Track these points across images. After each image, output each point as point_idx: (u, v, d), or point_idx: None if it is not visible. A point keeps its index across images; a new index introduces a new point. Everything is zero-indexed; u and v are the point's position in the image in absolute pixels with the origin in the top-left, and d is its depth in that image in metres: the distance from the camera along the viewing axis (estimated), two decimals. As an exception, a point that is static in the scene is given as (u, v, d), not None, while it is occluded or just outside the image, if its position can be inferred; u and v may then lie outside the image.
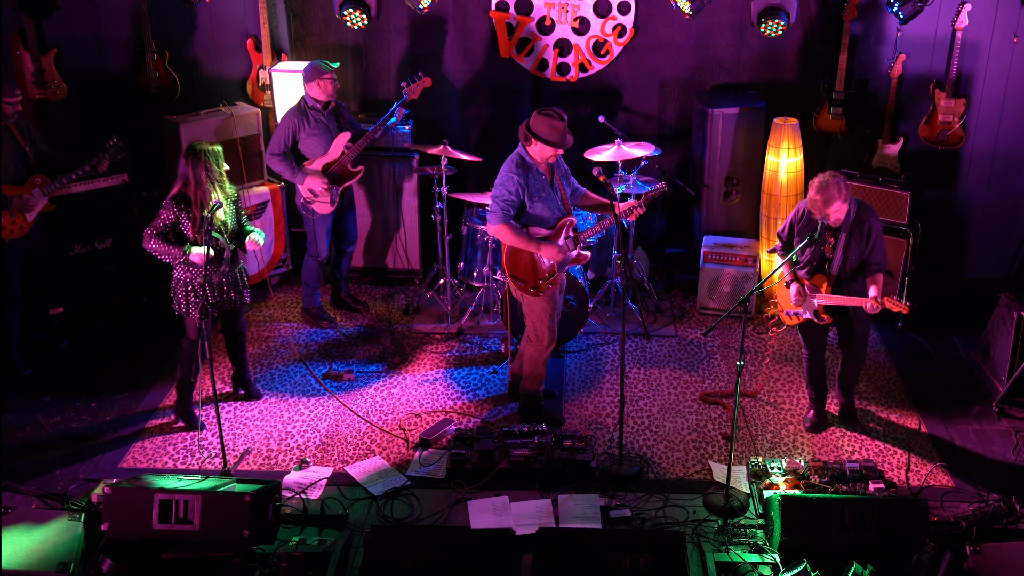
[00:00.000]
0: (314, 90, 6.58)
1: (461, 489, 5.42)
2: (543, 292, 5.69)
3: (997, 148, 7.28)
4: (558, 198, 5.66)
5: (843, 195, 5.27)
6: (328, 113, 6.68)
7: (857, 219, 5.40)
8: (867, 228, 5.42)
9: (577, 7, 7.42)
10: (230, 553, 4.71)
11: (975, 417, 6.11)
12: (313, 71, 6.56)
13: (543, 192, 5.56)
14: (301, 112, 6.64)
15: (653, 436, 5.94)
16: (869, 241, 5.43)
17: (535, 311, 5.78)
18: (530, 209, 5.58)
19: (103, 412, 6.15)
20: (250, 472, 5.59)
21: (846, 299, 5.46)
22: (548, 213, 5.62)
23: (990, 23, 6.97)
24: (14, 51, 7.13)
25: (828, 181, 5.27)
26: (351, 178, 6.77)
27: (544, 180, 5.59)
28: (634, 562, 4.51)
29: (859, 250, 5.44)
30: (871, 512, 4.65)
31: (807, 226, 5.50)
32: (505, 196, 5.50)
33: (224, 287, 5.71)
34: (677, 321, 7.20)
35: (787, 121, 6.99)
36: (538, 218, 5.61)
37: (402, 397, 6.32)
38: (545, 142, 5.42)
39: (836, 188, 5.25)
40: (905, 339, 6.96)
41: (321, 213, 6.76)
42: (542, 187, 5.56)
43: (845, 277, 5.49)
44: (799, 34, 7.30)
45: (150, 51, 7.33)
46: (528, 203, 5.55)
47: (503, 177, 5.54)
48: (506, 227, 5.51)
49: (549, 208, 5.61)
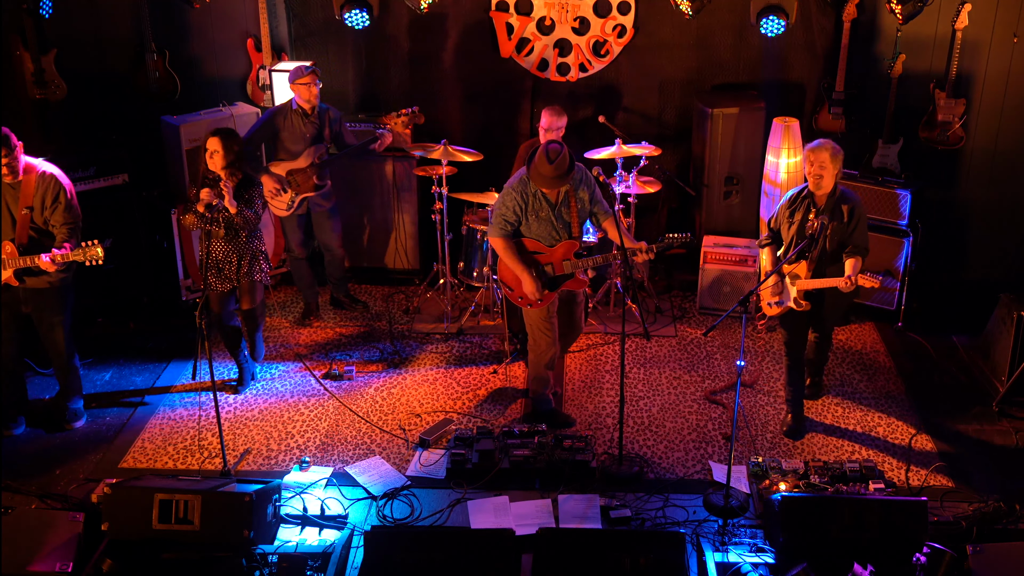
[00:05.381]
0: (294, 93, 6.58)
1: (461, 489, 5.42)
2: (532, 306, 5.74)
3: (997, 148, 7.27)
4: (563, 221, 5.65)
5: (831, 150, 5.44)
6: (309, 120, 6.62)
7: (841, 198, 5.53)
8: (850, 208, 5.52)
9: (577, 7, 7.42)
10: (230, 553, 4.71)
11: (975, 417, 6.11)
12: (292, 74, 6.55)
13: (542, 212, 5.60)
14: (281, 112, 6.64)
15: (653, 436, 5.94)
16: (851, 221, 5.51)
17: (530, 317, 5.84)
18: (526, 226, 5.65)
19: (103, 412, 6.14)
20: (250, 472, 5.59)
21: (823, 281, 5.54)
22: (546, 233, 5.66)
23: (990, 23, 6.97)
24: (14, 51, 7.14)
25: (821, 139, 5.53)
26: (313, 191, 6.73)
27: (545, 201, 5.59)
28: (634, 562, 4.51)
29: (841, 230, 5.51)
30: (871, 512, 4.65)
31: (793, 206, 5.61)
32: (501, 211, 5.64)
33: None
34: (677, 321, 7.20)
35: (787, 121, 6.99)
36: (535, 236, 5.67)
37: (402, 397, 6.32)
38: (535, 178, 5.49)
39: (826, 142, 5.48)
40: (905, 339, 6.97)
41: (276, 214, 6.83)
42: (541, 207, 5.60)
43: (826, 258, 5.55)
44: (799, 34, 7.30)
45: (150, 51, 7.34)
46: (525, 220, 5.63)
47: (504, 191, 5.67)
48: (500, 241, 5.65)
49: (548, 229, 5.64)
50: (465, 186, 7.29)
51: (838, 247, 5.54)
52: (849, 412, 6.16)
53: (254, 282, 6.05)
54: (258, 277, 6.04)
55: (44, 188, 5.51)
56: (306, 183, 6.66)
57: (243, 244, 5.96)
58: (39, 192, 5.50)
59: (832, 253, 5.54)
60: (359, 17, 7.03)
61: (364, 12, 7.00)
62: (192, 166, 7.01)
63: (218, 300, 6.09)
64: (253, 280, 6.03)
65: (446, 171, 6.88)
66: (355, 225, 7.53)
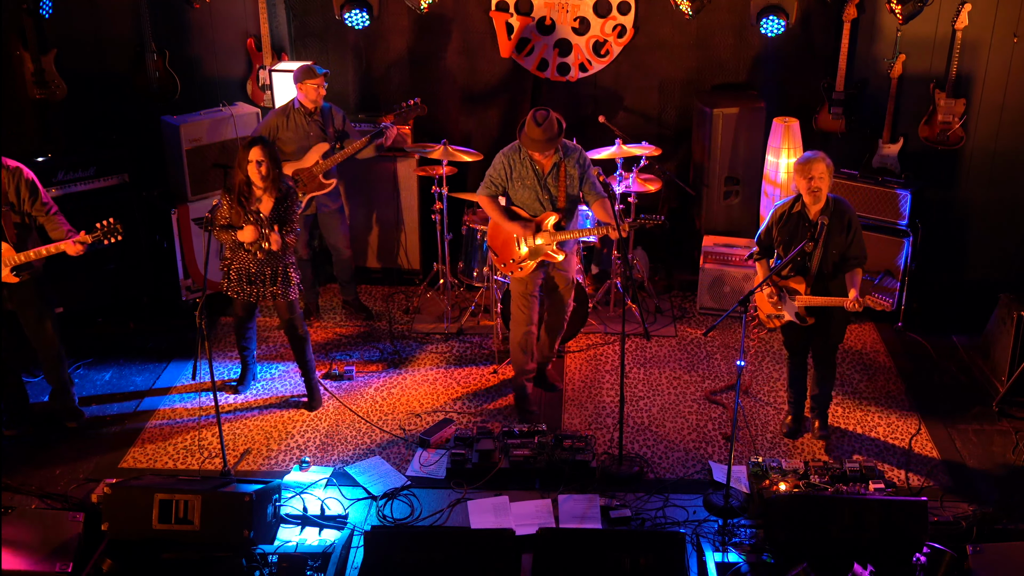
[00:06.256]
0: (299, 92, 6.58)
1: (461, 489, 5.42)
2: (512, 273, 5.86)
3: (997, 148, 7.27)
4: (548, 192, 5.73)
5: (823, 159, 5.34)
6: (313, 119, 6.62)
7: (837, 211, 5.40)
8: (847, 220, 5.42)
9: (577, 7, 7.42)
10: (230, 553, 4.71)
11: (975, 417, 6.11)
12: (299, 73, 6.53)
13: (527, 180, 5.72)
14: (284, 112, 6.64)
15: (653, 436, 5.94)
16: (849, 232, 5.42)
17: (512, 288, 5.98)
18: (512, 191, 5.78)
19: (103, 412, 6.14)
20: (250, 472, 5.59)
21: (826, 300, 5.41)
22: (530, 201, 5.76)
23: (990, 23, 6.97)
24: (14, 51, 7.14)
25: (808, 152, 5.44)
26: (320, 190, 6.71)
27: (534, 170, 5.69)
28: (634, 562, 4.51)
29: (840, 242, 5.42)
30: (871, 512, 4.65)
31: (786, 226, 5.49)
32: (490, 172, 5.84)
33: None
34: (677, 321, 7.20)
35: (787, 121, 6.99)
36: (520, 203, 5.80)
37: (402, 397, 6.32)
38: (525, 142, 5.62)
39: (815, 153, 5.38)
40: (905, 339, 6.97)
41: None
42: (527, 175, 5.70)
43: (827, 273, 5.46)
44: (799, 34, 7.30)
45: (150, 51, 7.34)
46: (511, 184, 5.77)
47: (497, 155, 5.85)
48: (485, 198, 5.83)
49: (532, 197, 5.75)
50: (465, 186, 7.31)
51: (839, 260, 5.45)
52: (849, 412, 6.16)
53: (291, 301, 5.88)
54: (293, 296, 5.86)
55: (16, 181, 5.45)
56: (312, 182, 6.66)
57: (277, 258, 5.76)
58: (11, 186, 5.44)
59: (833, 268, 5.45)
60: (359, 17, 7.03)
61: (364, 12, 7.00)
62: (192, 166, 7.01)
63: (243, 306, 6.00)
64: (290, 300, 5.86)
65: (446, 171, 6.88)
66: (355, 225, 7.52)
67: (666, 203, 7.88)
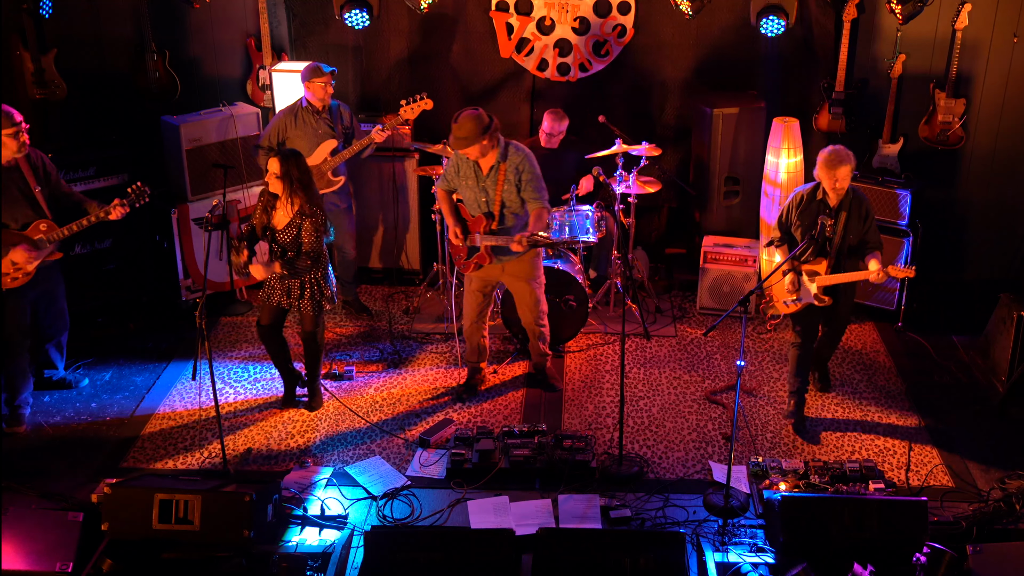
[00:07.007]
0: (306, 91, 6.59)
1: (461, 489, 5.42)
2: (461, 267, 6.05)
3: (997, 148, 7.27)
4: (486, 195, 5.80)
5: (852, 161, 5.47)
6: (320, 117, 6.64)
7: (856, 199, 5.58)
8: (864, 209, 5.60)
9: (577, 7, 7.42)
10: (230, 553, 4.71)
11: (975, 417, 6.11)
12: (307, 72, 6.57)
13: (469, 180, 5.83)
14: (292, 111, 6.65)
15: (653, 436, 5.94)
16: (866, 222, 5.60)
17: (465, 282, 6.20)
18: (460, 189, 5.93)
19: (103, 412, 6.15)
20: (250, 472, 5.59)
21: (849, 275, 5.60)
22: (471, 201, 5.90)
23: (990, 23, 6.97)
24: (14, 51, 7.13)
25: (836, 148, 5.49)
26: (328, 187, 6.71)
27: (473, 172, 5.79)
28: (634, 562, 4.51)
29: (858, 228, 5.58)
30: (871, 512, 4.65)
31: (806, 210, 5.61)
32: (445, 166, 6.06)
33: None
34: (677, 321, 7.20)
35: (787, 121, 6.99)
36: (465, 201, 5.97)
37: (402, 397, 6.32)
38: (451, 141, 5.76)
39: (844, 153, 5.46)
40: (905, 339, 6.96)
41: None
42: (470, 175, 5.81)
43: (844, 255, 5.61)
44: (799, 34, 7.30)
45: (150, 51, 7.33)
46: (458, 183, 5.91)
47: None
48: (440, 191, 6.04)
49: (472, 198, 5.88)
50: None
51: (857, 244, 5.62)
52: (849, 412, 6.17)
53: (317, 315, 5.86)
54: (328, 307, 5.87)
55: (41, 164, 5.76)
56: (321, 180, 6.66)
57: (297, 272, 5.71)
58: (39, 169, 5.73)
59: (851, 249, 5.62)
60: (359, 17, 7.02)
61: (364, 12, 7.00)
62: (192, 166, 7.01)
63: (269, 312, 5.90)
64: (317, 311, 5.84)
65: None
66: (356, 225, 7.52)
67: (666, 203, 7.88)
